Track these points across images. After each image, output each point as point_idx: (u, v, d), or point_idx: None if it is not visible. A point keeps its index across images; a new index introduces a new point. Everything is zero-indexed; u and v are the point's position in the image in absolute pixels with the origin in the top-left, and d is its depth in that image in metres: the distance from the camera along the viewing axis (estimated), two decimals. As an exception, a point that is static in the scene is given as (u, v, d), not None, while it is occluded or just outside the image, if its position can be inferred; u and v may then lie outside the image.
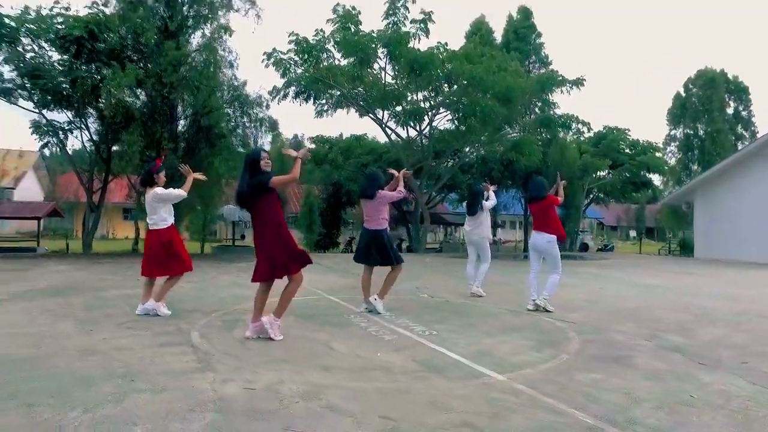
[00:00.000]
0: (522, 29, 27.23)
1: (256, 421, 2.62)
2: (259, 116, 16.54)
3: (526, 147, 18.37)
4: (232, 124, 16.06)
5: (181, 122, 16.12)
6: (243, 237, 27.17)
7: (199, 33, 15.45)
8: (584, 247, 27.17)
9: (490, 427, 2.63)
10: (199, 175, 5.70)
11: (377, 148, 24.93)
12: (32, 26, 13.20)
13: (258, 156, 4.44)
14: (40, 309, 5.58)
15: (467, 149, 21.40)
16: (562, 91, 18.94)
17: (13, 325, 4.74)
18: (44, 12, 13.03)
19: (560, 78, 18.53)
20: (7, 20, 13.17)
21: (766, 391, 3.36)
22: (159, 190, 5.35)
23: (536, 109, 21.35)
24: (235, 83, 16.21)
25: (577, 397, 3.14)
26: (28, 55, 13.69)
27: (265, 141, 17.28)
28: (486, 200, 7.57)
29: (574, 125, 21.99)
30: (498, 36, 27.51)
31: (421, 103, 18.21)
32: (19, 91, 14.17)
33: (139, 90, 14.71)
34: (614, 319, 5.85)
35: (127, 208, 30.85)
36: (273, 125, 16.53)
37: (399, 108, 18.56)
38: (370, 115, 19.42)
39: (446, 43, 15.74)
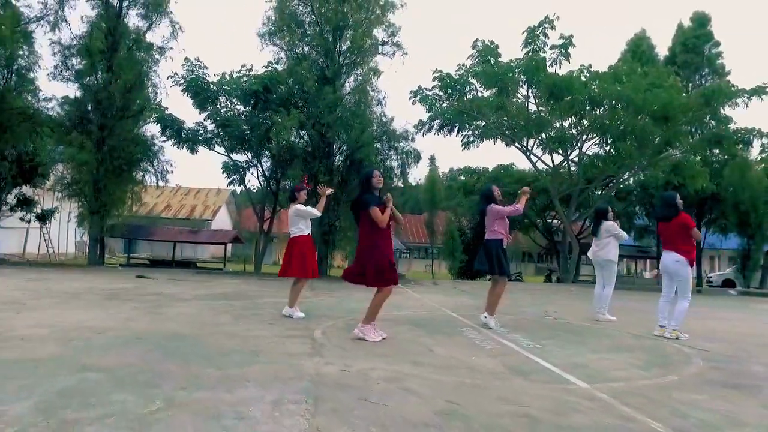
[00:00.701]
0: (693, 39, 24.49)
1: (338, 391, 3.10)
2: (406, 149, 17.74)
3: (687, 169, 16.36)
4: (381, 157, 17.40)
5: (337, 158, 18.05)
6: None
7: (352, 77, 17.32)
8: (782, 286, 22.59)
9: (547, 422, 2.71)
10: (328, 190, 6.45)
11: (525, 177, 24.45)
12: (227, 87, 16.33)
13: (371, 174, 5.05)
14: (209, 307, 6.93)
15: (624, 175, 19.81)
16: (737, 104, 16.55)
17: (188, 315, 6.02)
18: (235, 75, 16.01)
19: (733, 89, 16.24)
20: (212, 85, 16.54)
21: None
22: (299, 206, 6.31)
23: (709, 126, 18.91)
24: (384, 119, 17.70)
25: (662, 410, 2.98)
26: (222, 110, 16.91)
27: (412, 171, 18.41)
28: (615, 222, 7.27)
29: (756, 141, 18.86)
30: (664, 50, 25.23)
31: (567, 129, 17.59)
32: (215, 139, 17.48)
33: (303, 131, 17.02)
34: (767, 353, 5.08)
35: (295, 236, 34.84)
36: (417, 157, 17.51)
37: (544, 135, 18.17)
38: (516, 144, 19.33)
39: (590, 65, 15.14)
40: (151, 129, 17.48)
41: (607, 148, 17.39)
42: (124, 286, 9.33)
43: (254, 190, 19.20)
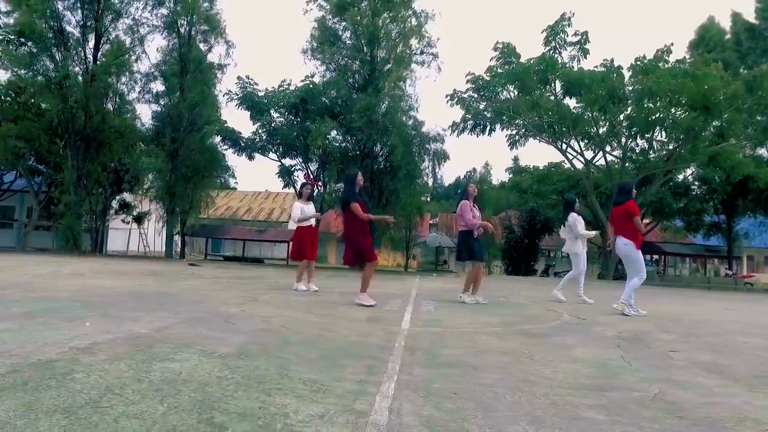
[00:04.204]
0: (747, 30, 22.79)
1: (217, 318, 4.54)
2: (436, 150, 18.81)
3: (726, 159, 15.69)
4: (416, 158, 18.58)
5: (379, 159, 19.51)
6: (445, 262, 29.47)
7: (385, 85, 18.69)
8: None
9: (329, 337, 3.96)
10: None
11: (574, 175, 24.24)
12: (273, 100, 18.54)
13: (355, 175, 6.41)
14: (215, 281, 8.70)
15: (672, 168, 19.21)
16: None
17: (189, 284, 7.80)
18: (277, 90, 18.18)
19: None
20: (264, 99, 18.86)
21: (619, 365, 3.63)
22: (296, 204, 7.93)
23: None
24: (416, 123, 18.90)
25: (426, 341, 4.09)
26: (272, 122, 19.16)
27: (442, 171, 19.45)
28: (578, 214, 7.87)
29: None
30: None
31: (599, 125, 17.64)
32: (268, 146, 19.79)
33: (346, 135, 18.77)
34: (660, 326, 5.70)
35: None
36: (445, 157, 18.51)
37: (577, 132, 18.35)
38: (554, 143, 19.60)
39: (612, 59, 15.17)
40: (215, 139, 20.20)
41: (641, 142, 17.16)
42: (170, 269, 11.55)
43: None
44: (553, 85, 15.81)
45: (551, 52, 15.93)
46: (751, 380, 3.08)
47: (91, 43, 19.81)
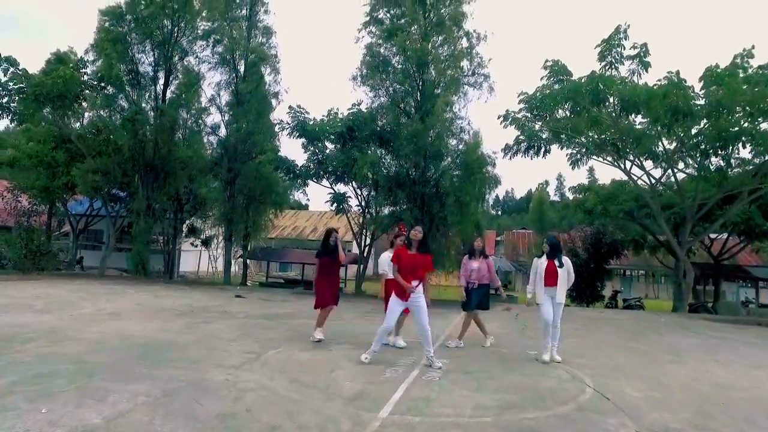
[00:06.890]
0: None
1: (188, 387, 4.46)
2: (488, 175, 18.11)
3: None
4: (457, 183, 17.92)
5: (425, 185, 19.09)
6: (506, 286, 28.25)
7: (433, 109, 18.31)
8: None
9: (292, 423, 3.73)
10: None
11: (644, 193, 22.37)
12: (324, 129, 18.81)
13: (328, 233, 7.39)
14: (236, 325, 8.75)
15: (759, 186, 17.14)
16: None
17: (207, 330, 7.89)
18: (325, 119, 18.45)
19: None
20: (317, 128, 19.21)
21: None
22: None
23: None
24: (467, 147, 18.30)
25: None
26: (325, 150, 19.44)
27: (490, 197, 18.82)
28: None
29: None
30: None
31: (668, 143, 16.20)
32: (320, 173, 20.06)
33: (392, 162, 18.61)
34: (700, 416, 4.94)
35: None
36: (496, 182, 17.78)
37: (640, 150, 16.99)
38: (617, 163, 18.29)
39: (678, 71, 13.75)
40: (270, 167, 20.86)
41: (715, 160, 15.51)
42: (208, 304, 11.84)
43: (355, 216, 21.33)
44: (608, 103, 14.64)
45: (607, 67, 14.81)
46: None
47: (161, 81, 21.29)
